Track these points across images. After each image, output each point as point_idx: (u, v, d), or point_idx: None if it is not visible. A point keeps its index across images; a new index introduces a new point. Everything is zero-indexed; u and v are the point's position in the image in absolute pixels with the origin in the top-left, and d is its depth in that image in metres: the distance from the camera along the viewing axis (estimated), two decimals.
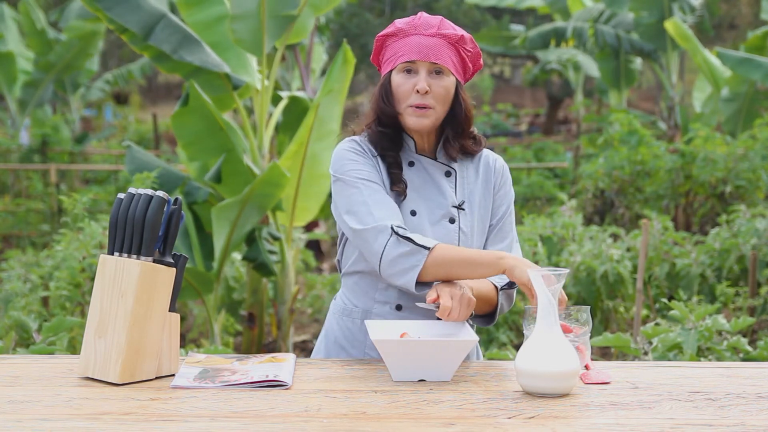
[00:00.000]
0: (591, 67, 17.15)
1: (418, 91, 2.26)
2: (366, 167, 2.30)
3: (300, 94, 6.21)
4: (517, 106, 27.36)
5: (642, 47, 14.15)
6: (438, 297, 2.16)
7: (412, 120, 2.30)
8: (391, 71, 2.32)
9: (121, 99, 25.94)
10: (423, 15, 2.33)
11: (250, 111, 7.38)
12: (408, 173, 2.36)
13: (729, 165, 8.48)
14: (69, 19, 15.54)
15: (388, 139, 2.35)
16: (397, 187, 2.31)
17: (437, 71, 2.28)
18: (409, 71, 2.29)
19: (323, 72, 13.86)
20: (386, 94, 2.32)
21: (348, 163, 2.30)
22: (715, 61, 12.18)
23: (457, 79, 2.32)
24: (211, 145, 5.50)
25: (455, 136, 2.36)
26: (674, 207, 9.09)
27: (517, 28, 19.79)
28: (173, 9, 7.46)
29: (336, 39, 21.05)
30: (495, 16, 25.82)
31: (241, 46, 5.47)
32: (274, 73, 5.78)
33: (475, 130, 2.43)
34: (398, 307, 2.33)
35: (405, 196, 2.31)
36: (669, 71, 14.57)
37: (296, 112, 6.20)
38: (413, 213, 2.31)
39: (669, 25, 12.47)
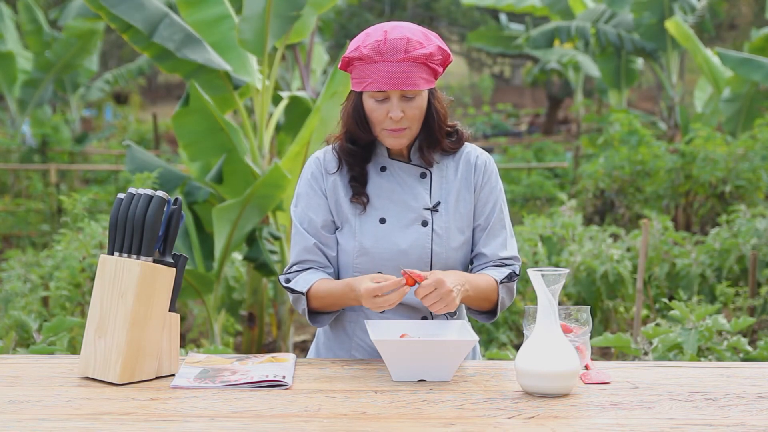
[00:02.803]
0: (591, 67, 17.14)
1: (392, 118, 2.26)
2: (308, 202, 2.36)
3: (301, 93, 6.21)
4: (517, 106, 27.36)
5: (644, 46, 14.15)
6: (422, 277, 2.15)
7: (389, 141, 2.31)
8: (361, 92, 2.29)
9: (121, 99, 25.94)
10: (388, 35, 2.24)
11: (250, 111, 7.38)
12: (378, 179, 2.35)
13: (729, 165, 8.47)
14: (69, 17, 15.52)
15: (356, 154, 2.35)
16: (356, 199, 2.33)
17: (409, 96, 2.26)
18: (380, 99, 2.26)
19: (324, 72, 13.85)
20: (360, 119, 2.30)
21: (298, 198, 2.40)
22: (716, 61, 12.18)
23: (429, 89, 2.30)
24: (212, 145, 5.50)
25: (429, 145, 2.35)
26: (674, 207, 9.09)
27: (516, 27, 19.78)
28: (173, 9, 7.47)
29: (336, 39, 21.05)
30: (494, 17, 25.83)
31: (244, 47, 5.46)
32: (274, 73, 5.78)
33: (457, 124, 2.41)
34: None
35: (365, 208, 2.32)
36: (669, 71, 14.57)
37: (297, 111, 6.19)
38: (382, 221, 2.32)
39: (670, 25, 12.47)
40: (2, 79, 15.01)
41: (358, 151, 2.35)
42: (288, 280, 2.36)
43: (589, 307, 2.24)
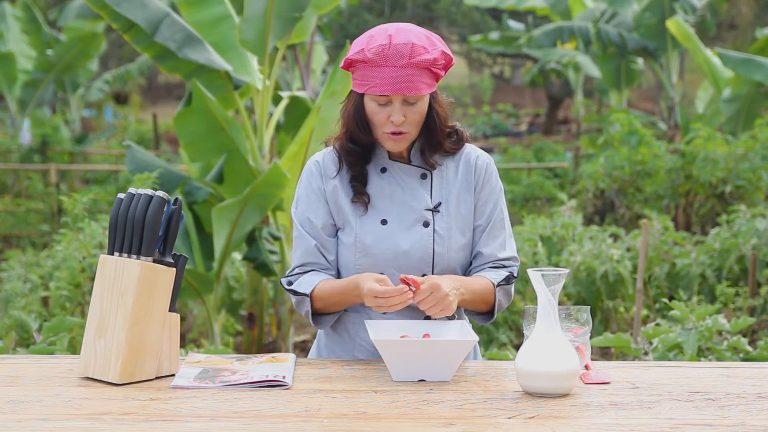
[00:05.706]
0: (591, 67, 17.15)
1: (393, 122, 2.25)
2: (307, 205, 2.36)
3: (301, 93, 6.21)
4: (517, 106, 27.36)
5: (646, 45, 14.16)
6: (418, 283, 2.15)
7: (389, 144, 2.30)
8: (362, 94, 2.28)
9: (121, 99, 25.93)
10: (393, 40, 2.22)
11: (250, 111, 7.38)
12: (379, 180, 2.35)
13: (729, 165, 8.47)
14: (69, 17, 15.52)
15: (356, 154, 2.34)
16: (358, 199, 2.32)
17: (411, 101, 2.25)
18: (382, 103, 2.25)
19: (324, 72, 13.87)
20: (360, 120, 2.29)
21: (298, 201, 2.40)
22: (717, 61, 12.18)
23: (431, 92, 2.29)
24: (213, 145, 5.50)
25: (430, 148, 2.35)
26: (674, 207, 9.09)
27: (516, 26, 19.78)
28: (174, 9, 7.47)
29: (336, 39, 21.05)
30: (494, 17, 25.82)
31: (246, 47, 5.46)
32: (275, 73, 5.78)
33: (457, 124, 2.40)
34: None
35: (367, 208, 2.32)
36: (669, 71, 14.57)
37: (297, 111, 6.19)
38: (384, 222, 2.31)
39: (671, 24, 12.47)
40: (2, 79, 15.01)
41: (359, 150, 2.34)
42: (290, 283, 2.36)
43: (589, 307, 2.24)
